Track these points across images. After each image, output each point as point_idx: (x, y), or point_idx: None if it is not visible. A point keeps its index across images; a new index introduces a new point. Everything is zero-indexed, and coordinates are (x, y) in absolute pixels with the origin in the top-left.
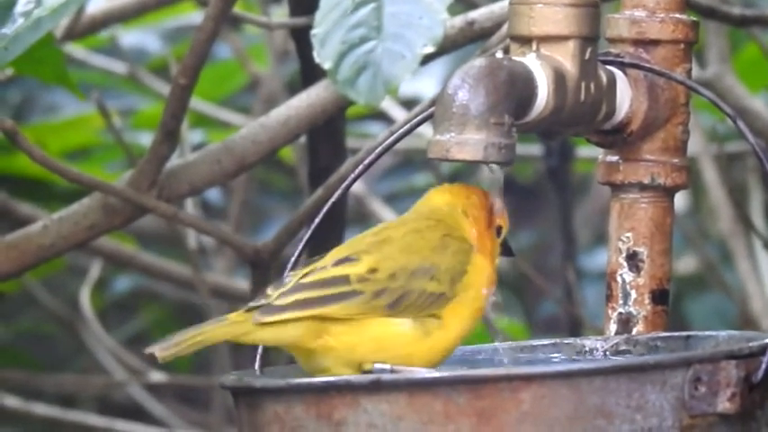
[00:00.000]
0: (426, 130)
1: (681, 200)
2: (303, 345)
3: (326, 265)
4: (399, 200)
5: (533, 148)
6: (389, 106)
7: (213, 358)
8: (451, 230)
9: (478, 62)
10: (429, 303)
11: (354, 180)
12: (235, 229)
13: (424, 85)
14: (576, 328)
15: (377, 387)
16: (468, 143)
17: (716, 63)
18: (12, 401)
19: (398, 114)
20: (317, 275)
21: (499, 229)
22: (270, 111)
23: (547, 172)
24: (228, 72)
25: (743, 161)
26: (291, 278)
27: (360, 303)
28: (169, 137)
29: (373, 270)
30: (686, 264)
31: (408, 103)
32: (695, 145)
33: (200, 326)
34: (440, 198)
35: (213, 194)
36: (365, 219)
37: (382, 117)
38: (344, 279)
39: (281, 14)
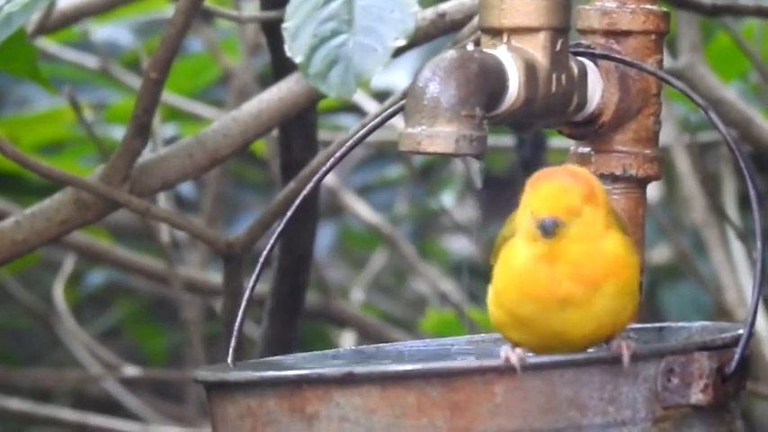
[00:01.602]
0: (399, 122)
1: (654, 190)
2: None
3: None
4: (372, 192)
5: (506, 140)
6: (362, 99)
7: (187, 352)
8: None
9: (449, 54)
10: None
11: (326, 173)
12: (208, 222)
13: (397, 78)
14: None
15: (349, 380)
16: (440, 136)
17: (688, 53)
18: None
19: (371, 107)
20: None
21: None
22: (242, 104)
23: (520, 163)
24: (201, 65)
25: (717, 151)
26: None
27: None
28: (141, 131)
29: None
30: (660, 253)
31: (381, 96)
32: (668, 135)
33: None
34: None
35: (186, 188)
36: (338, 211)
37: (355, 109)
38: None
39: (252, 8)
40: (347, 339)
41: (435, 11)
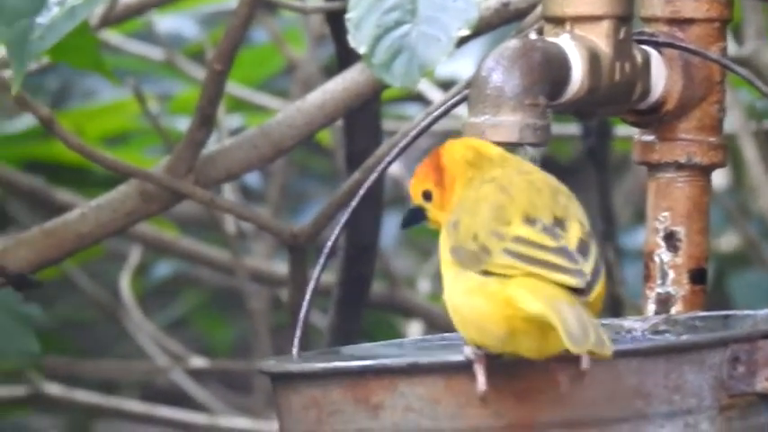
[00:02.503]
0: (464, 111)
1: (722, 177)
2: None
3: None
4: None
5: (572, 128)
6: (427, 88)
7: (253, 342)
8: None
9: (512, 44)
10: None
11: (390, 163)
12: (273, 212)
13: (462, 67)
14: (616, 307)
15: (414, 370)
16: (503, 125)
17: (753, 40)
18: (54, 389)
19: (435, 96)
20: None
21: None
22: (306, 95)
23: (585, 151)
24: (265, 56)
25: None
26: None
27: None
28: (205, 122)
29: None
30: (729, 241)
31: (446, 85)
32: (735, 122)
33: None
34: None
35: (252, 178)
36: (404, 201)
37: (420, 99)
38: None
39: None
40: (414, 329)
41: (499, 0)
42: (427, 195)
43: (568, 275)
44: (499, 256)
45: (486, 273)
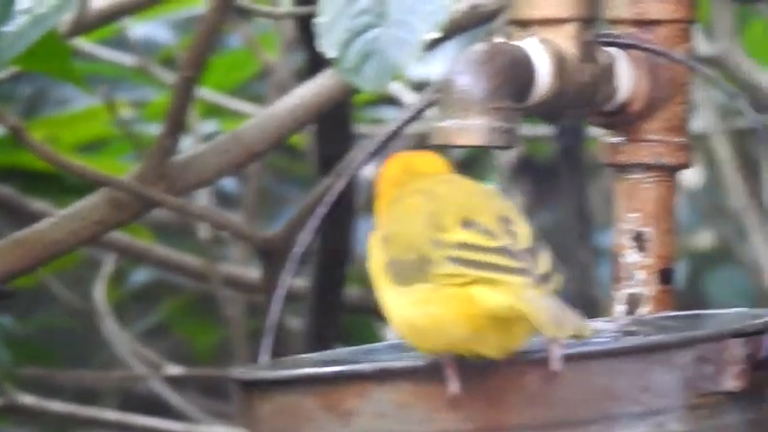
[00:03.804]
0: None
1: (696, 176)
2: None
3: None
4: None
5: (547, 128)
6: (401, 91)
7: (232, 348)
8: None
9: (479, 48)
10: None
11: (359, 168)
12: (249, 217)
13: (436, 68)
14: (592, 307)
15: (385, 375)
16: (471, 128)
17: (723, 39)
18: (28, 399)
19: (409, 99)
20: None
21: None
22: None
23: (560, 152)
24: (240, 61)
25: (757, 136)
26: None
27: None
28: (176, 129)
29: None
30: (704, 239)
31: (420, 87)
32: (707, 121)
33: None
34: None
35: (228, 183)
36: None
37: (394, 102)
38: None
39: (287, 3)
40: (391, 332)
41: (469, 2)
42: None
43: (515, 275)
44: (443, 265)
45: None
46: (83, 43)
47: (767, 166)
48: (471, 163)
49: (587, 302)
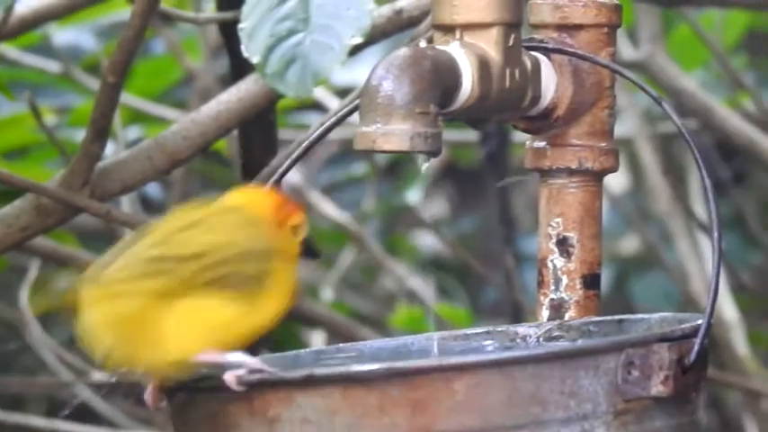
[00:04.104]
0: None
1: (621, 180)
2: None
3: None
4: (339, 190)
5: (471, 134)
6: (324, 96)
7: None
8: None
9: (402, 52)
10: (245, 284)
11: (282, 175)
12: None
13: (360, 74)
14: (517, 313)
15: (310, 382)
16: (395, 134)
17: (648, 43)
18: None
19: (333, 104)
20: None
21: (296, 229)
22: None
23: (484, 157)
24: (163, 67)
25: (681, 141)
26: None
27: (175, 279)
28: (100, 135)
29: (198, 255)
30: (629, 244)
31: (344, 93)
32: (632, 126)
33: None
34: (234, 199)
35: (153, 189)
36: (305, 210)
37: (319, 107)
38: (167, 258)
39: (211, 9)
40: (317, 339)
41: (392, 8)
42: None
43: None
44: None
45: None
46: (6, 49)
47: (693, 171)
48: (395, 169)
49: (512, 308)
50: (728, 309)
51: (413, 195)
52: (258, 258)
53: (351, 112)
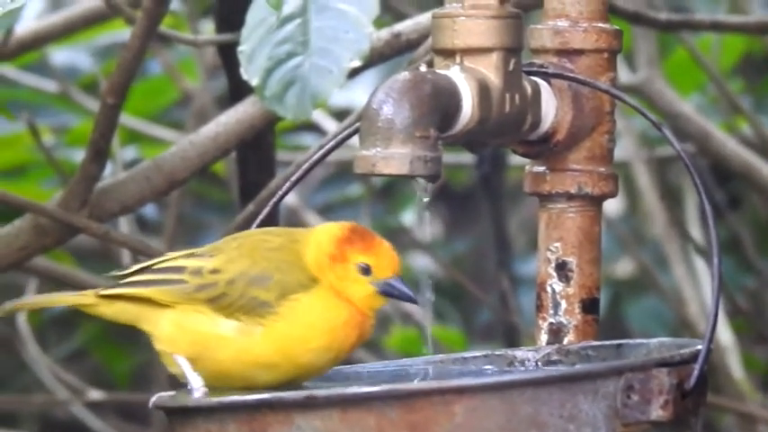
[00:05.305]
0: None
1: (617, 203)
2: (138, 326)
3: (179, 256)
4: (334, 211)
5: (467, 156)
6: (322, 118)
7: (152, 374)
8: (296, 255)
9: (402, 76)
10: (252, 308)
11: (282, 197)
12: (169, 243)
13: (357, 96)
14: (511, 335)
15: (310, 403)
16: (394, 157)
17: (645, 68)
18: None
19: (331, 126)
20: (164, 263)
21: (365, 269)
22: (201, 126)
23: (479, 179)
24: (160, 88)
25: (678, 165)
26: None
27: (178, 292)
28: (99, 156)
29: (216, 270)
30: (624, 267)
31: (341, 115)
32: (628, 150)
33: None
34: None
35: (148, 209)
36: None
37: (316, 129)
38: (181, 269)
39: (209, 31)
40: None
41: (390, 31)
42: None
43: None
44: None
45: None
46: (4, 69)
47: (689, 195)
48: (390, 191)
49: (507, 330)
50: (724, 333)
51: (407, 217)
52: (273, 286)
53: (350, 135)
